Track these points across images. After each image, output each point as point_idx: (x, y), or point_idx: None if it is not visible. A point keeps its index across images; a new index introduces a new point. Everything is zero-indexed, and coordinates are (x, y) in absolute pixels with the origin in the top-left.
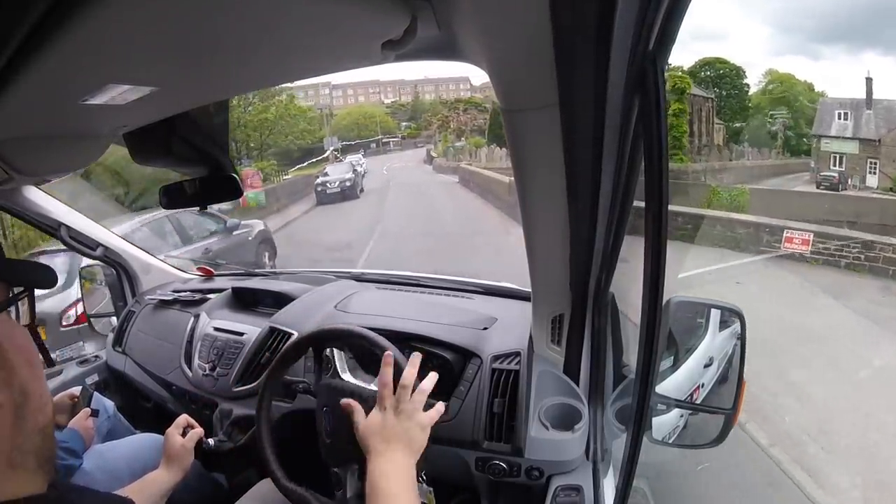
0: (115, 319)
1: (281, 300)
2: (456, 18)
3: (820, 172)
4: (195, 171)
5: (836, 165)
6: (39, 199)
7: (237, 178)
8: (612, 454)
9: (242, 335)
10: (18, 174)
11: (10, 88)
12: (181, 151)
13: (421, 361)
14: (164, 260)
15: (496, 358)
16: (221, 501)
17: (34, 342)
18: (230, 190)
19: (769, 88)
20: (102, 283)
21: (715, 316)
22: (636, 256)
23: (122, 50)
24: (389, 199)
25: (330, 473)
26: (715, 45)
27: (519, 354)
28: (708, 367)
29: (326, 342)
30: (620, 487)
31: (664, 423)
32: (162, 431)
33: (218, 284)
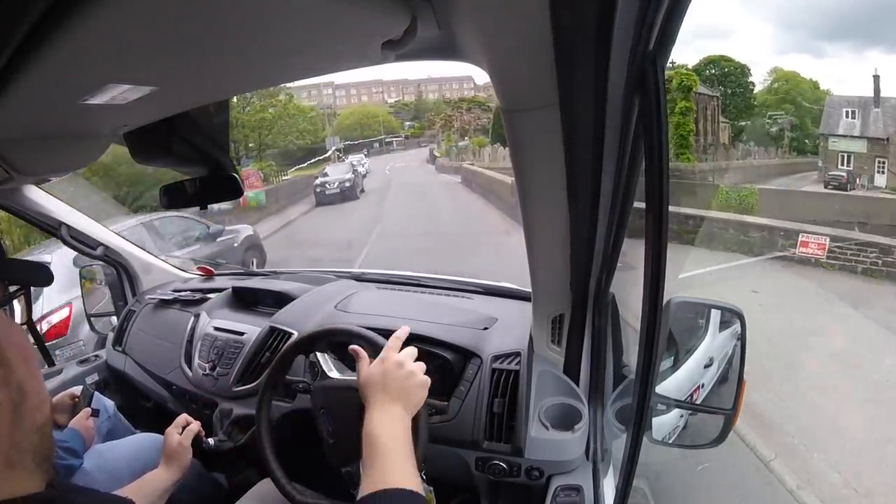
0: (115, 319)
1: (281, 300)
2: (456, 18)
3: (828, 172)
4: (195, 170)
5: (843, 165)
6: (40, 198)
7: (237, 177)
8: (612, 454)
9: (242, 335)
10: (18, 174)
11: (10, 88)
12: (181, 151)
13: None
14: (164, 259)
15: (496, 358)
16: (221, 501)
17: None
18: (230, 189)
19: (774, 87)
20: (102, 282)
21: (715, 316)
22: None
23: (121, 50)
24: (389, 200)
25: (342, 474)
26: (718, 43)
27: (519, 354)
28: (708, 367)
29: (326, 342)
30: (620, 487)
31: (664, 423)
32: (162, 431)
33: (218, 284)
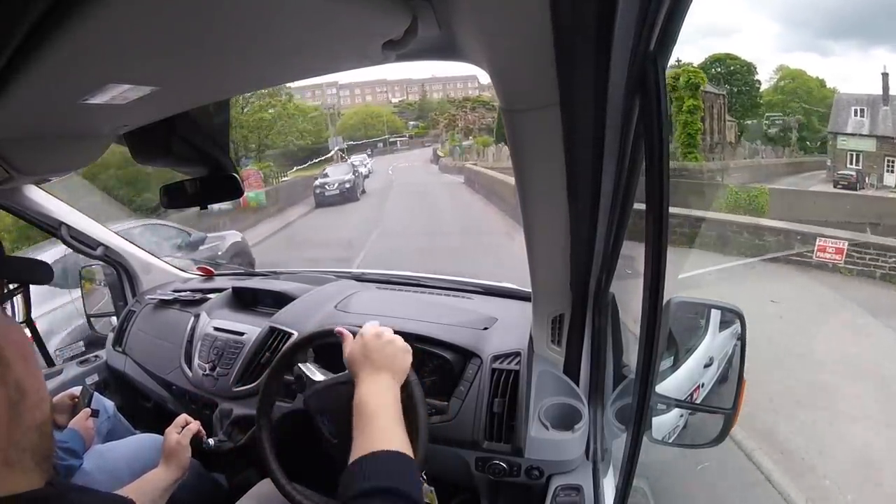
0: (115, 319)
1: (281, 300)
2: (456, 18)
3: (837, 171)
4: (195, 170)
5: (852, 164)
6: (40, 198)
7: (238, 177)
8: (612, 454)
9: (242, 335)
10: (18, 173)
11: (10, 88)
12: (181, 151)
13: (421, 361)
14: (164, 260)
15: (496, 358)
16: (221, 501)
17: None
18: (231, 189)
19: (781, 85)
20: (102, 282)
21: (715, 316)
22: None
23: (121, 50)
24: (390, 202)
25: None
26: (724, 41)
27: (519, 354)
28: (708, 367)
29: (326, 341)
30: (620, 487)
31: (664, 422)
32: (162, 431)
33: (218, 284)
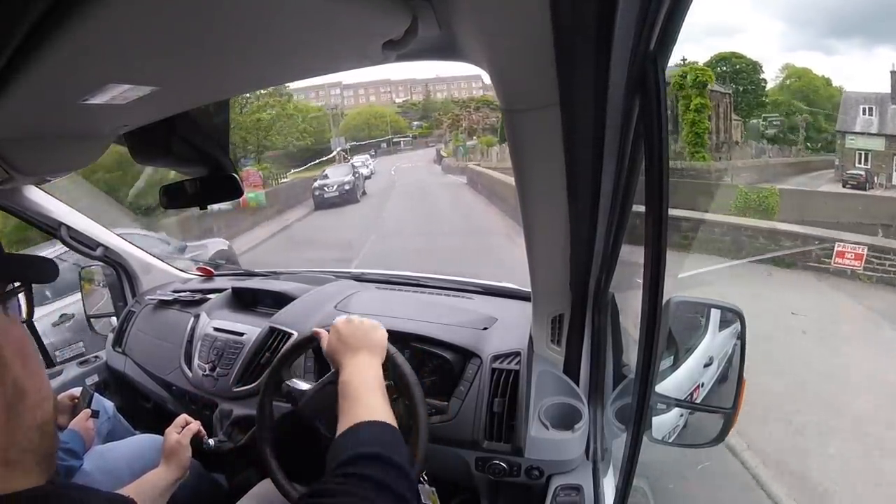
0: (115, 319)
1: (281, 300)
2: (456, 18)
3: (846, 171)
4: (195, 170)
5: (861, 163)
6: (40, 198)
7: (237, 177)
8: (612, 454)
9: (242, 335)
10: (18, 174)
11: (10, 88)
12: (181, 151)
13: (421, 361)
14: (164, 260)
15: (496, 358)
16: (221, 501)
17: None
18: (230, 190)
19: (787, 83)
20: (102, 283)
21: (715, 316)
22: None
23: (122, 50)
24: (389, 203)
25: None
26: (728, 40)
27: (519, 354)
28: (708, 366)
29: (311, 347)
30: (620, 487)
31: (664, 422)
32: (162, 432)
33: (218, 284)
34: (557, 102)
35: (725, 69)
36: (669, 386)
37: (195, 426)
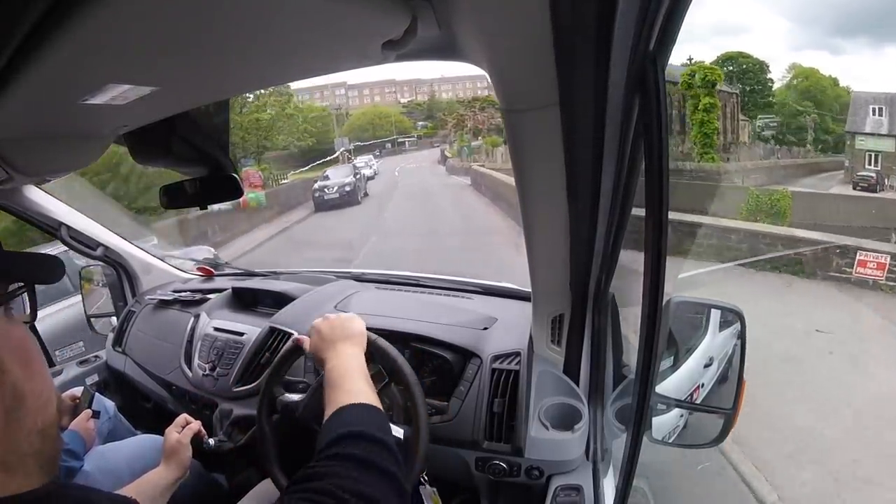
0: (115, 319)
1: (281, 300)
2: (456, 18)
3: (856, 172)
4: (195, 171)
5: (870, 164)
6: (40, 198)
7: (237, 177)
8: (612, 454)
9: (242, 335)
10: (18, 174)
11: (10, 88)
12: (181, 151)
13: (421, 361)
14: (164, 260)
15: (496, 358)
16: (221, 501)
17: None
18: (230, 190)
19: (794, 83)
20: (101, 283)
21: (715, 316)
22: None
23: (122, 50)
24: (391, 206)
25: None
26: (733, 40)
27: (519, 354)
28: (708, 367)
29: (298, 356)
30: (620, 487)
31: (664, 423)
32: (162, 432)
33: (218, 284)
34: (557, 102)
35: (732, 69)
36: (669, 386)
37: (196, 426)
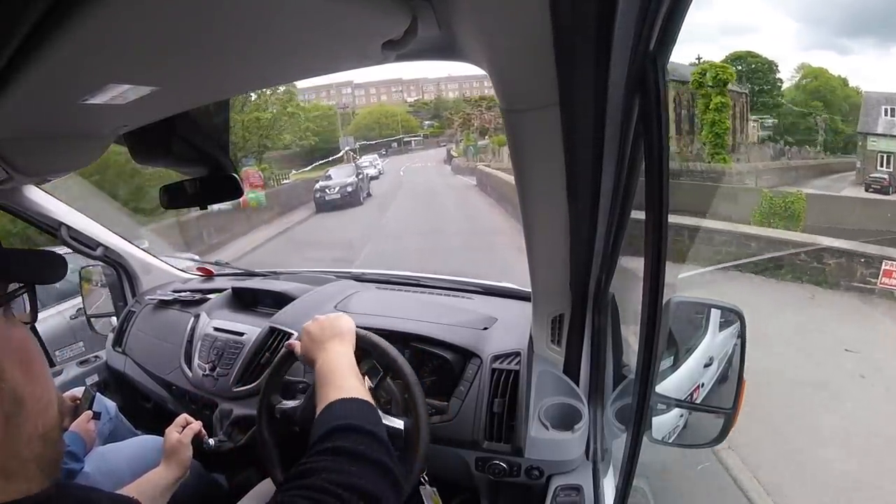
0: (115, 319)
1: (281, 300)
2: (456, 18)
3: (868, 174)
4: (195, 171)
5: (883, 165)
6: (40, 198)
7: (237, 177)
8: (612, 454)
9: (242, 335)
10: (18, 174)
11: (10, 88)
12: (181, 151)
13: (421, 361)
14: (164, 260)
15: (496, 358)
16: (221, 501)
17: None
18: (230, 190)
19: (803, 83)
20: (100, 283)
21: (715, 316)
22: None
23: (122, 50)
24: (392, 207)
25: None
26: (743, 39)
27: (519, 354)
28: (708, 366)
29: (291, 361)
30: (620, 487)
31: (664, 422)
32: (162, 432)
33: (218, 284)
34: (557, 102)
35: (741, 68)
36: (669, 386)
37: (197, 426)
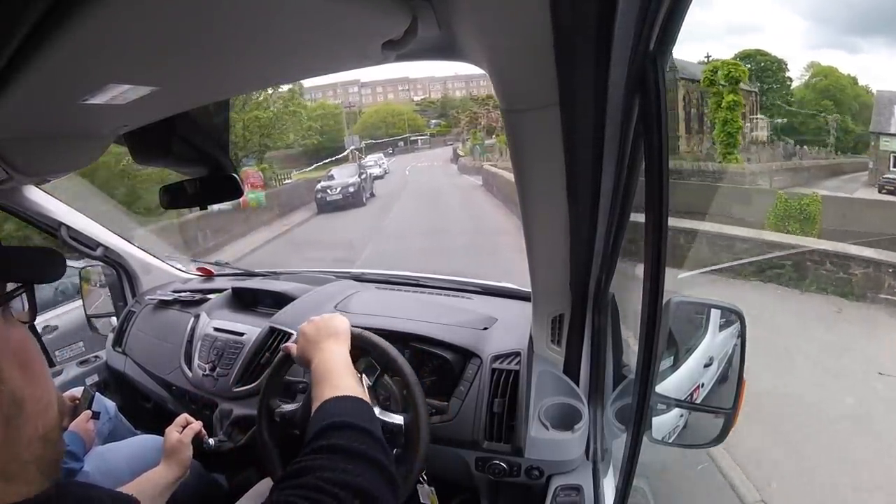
0: (115, 319)
1: (281, 300)
2: (456, 18)
3: (881, 175)
4: (195, 171)
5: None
6: (39, 198)
7: (237, 177)
8: (612, 454)
9: (242, 335)
10: (18, 174)
11: (10, 88)
12: (181, 151)
13: (421, 361)
14: (164, 260)
15: (496, 358)
16: (221, 501)
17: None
18: (231, 190)
19: (812, 82)
20: (100, 283)
21: (715, 316)
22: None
23: (122, 50)
24: (395, 208)
25: None
26: (751, 37)
27: (519, 354)
28: (708, 366)
29: (288, 364)
30: (620, 487)
31: (664, 422)
32: (162, 432)
33: (218, 284)
34: (557, 102)
35: (750, 66)
36: (669, 386)
37: (197, 426)
